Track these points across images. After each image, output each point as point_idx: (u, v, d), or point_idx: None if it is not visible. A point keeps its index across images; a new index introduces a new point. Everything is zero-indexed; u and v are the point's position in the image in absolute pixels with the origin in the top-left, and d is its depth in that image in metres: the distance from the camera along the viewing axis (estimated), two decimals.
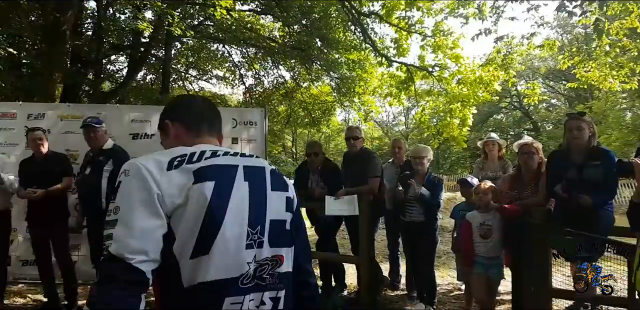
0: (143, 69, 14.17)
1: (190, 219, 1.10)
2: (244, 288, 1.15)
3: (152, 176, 1.11)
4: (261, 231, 1.20)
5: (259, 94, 16.35)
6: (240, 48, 14.49)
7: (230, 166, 1.22)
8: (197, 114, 1.39)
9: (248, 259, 1.16)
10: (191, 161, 1.17)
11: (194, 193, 1.11)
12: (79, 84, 11.24)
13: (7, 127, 4.87)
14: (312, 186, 4.70)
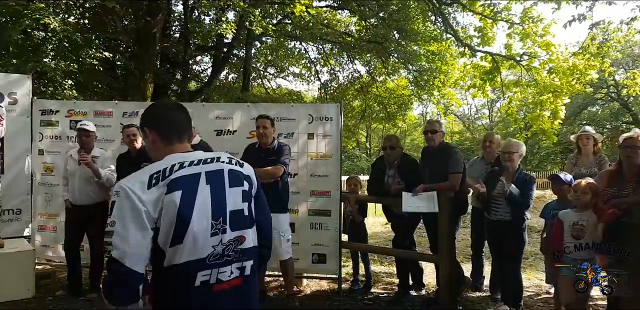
0: (225, 68, 14.78)
1: (167, 220, 1.48)
2: (211, 264, 1.54)
3: (137, 197, 1.47)
4: (223, 221, 1.59)
5: (334, 90, 16.41)
6: (316, 44, 14.61)
7: (194, 174, 1.58)
8: (169, 124, 1.71)
9: (214, 243, 1.56)
10: (165, 176, 1.53)
11: (167, 200, 1.49)
12: (167, 83, 11.98)
13: (104, 124, 5.28)
14: (388, 181, 4.60)
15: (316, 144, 4.92)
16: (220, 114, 5.16)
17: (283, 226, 4.24)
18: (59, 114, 5.39)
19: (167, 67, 12.05)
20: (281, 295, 4.61)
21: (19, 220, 5.20)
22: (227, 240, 1.59)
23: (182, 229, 1.50)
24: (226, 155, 1.78)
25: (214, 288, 1.55)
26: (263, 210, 1.83)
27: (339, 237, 4.84)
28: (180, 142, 1.72)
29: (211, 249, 1.56)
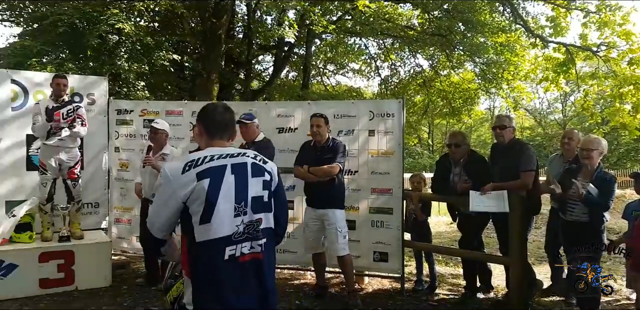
0: (286, 66, 14.99)
1: (197, 202, 1.78)
2: (236, 240, 1.82)
3: (172, 178, 1.81)
4: (245, 205, 1.86)
5: (394, 85, 16.13)
6: (377, 40, 14.43)
7: (221, 166, 1.86)
8: (214, 123, 1.99)
9: (237, 223, 1.83)
10: (196, 165, 1.82)
11: (198, 187, 1.79)
12: (232, 83, 12.34)
13: (174, 123, 5.51)
14: (453, 179, 4.44)
15: (377, 140, 4.84)
16: (282, 111, 5.22)
17: (340, 222, 4.23)
18: (133, 114, 5.70)
19: (232, 67, 12.41)
20: (342, 291, 4.60)
21: (97, 214, 5.57)
22: (247, 221, 1.87)
23: (209, 211, 1.79)
24: (252, 152, 2.05)
25: (239, 260, 1.83)
26: (281, 204, 2.08)
27: (402, 236, 4.74)
28: (220, 139, 1.99)
29: (235, 227, 1.83)
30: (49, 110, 4.53)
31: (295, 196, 5.04)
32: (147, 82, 8.95)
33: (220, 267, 1.79)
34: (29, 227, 4.56)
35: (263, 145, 4.42)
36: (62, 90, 4.60)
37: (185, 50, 10.88)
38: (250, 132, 4.43)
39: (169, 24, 9.52)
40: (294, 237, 5.04)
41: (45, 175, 4.60)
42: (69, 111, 4.59)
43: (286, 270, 5.37)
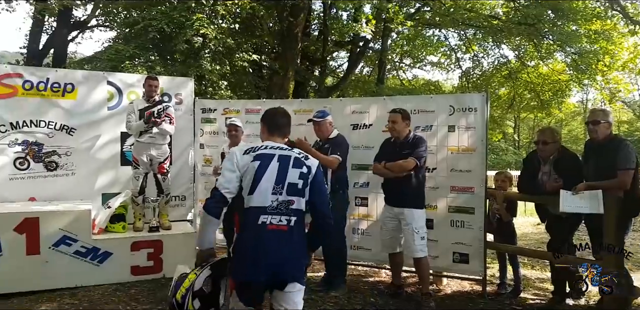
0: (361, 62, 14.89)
1: (248, 177, 2.35)
2: (269, 212, 2.32)
3: (237, 157, 2.40)
4: (282, 187, 2.35)
5: (477, 77, 15.42)
6: (457, 30, 13.86)
7: (270, 154, 2.42)
8: (273, 123, 2.60)
9: (272, 199, 2.33)
10: (253, 150, 2.42)
11: (251, 166, 2.36)
12: (307, 80, 12.49)
13: (254, 121, 5.68)
14: (542, 178, 4.13)
15: (457, 136, 4.63)
16: (357, 108, 5.17)
17: (417, 222, 4.09)
18: (216, 112, 5.96)
19: (307, 64, 12.56)
20: (418, 292, 4.48)
21: (184, 206, 5.90)
22: (281, 200, 2.35)
23: (254, 185, 2.34)
24: (298, 150, 2.56)
25: (267, 227, 2.32)
26: (319, 193, 2.48)
27: (484, 237, 4.52)
28: (277, 136, 2.58)
29: (270, 202, 2.34)
30: (141, 109, 4.87)
31: (369, 193, 4.98)
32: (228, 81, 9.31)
33: (254, 229, 2.33)
34: (122, 218, 4.92)
35: (337, 142, 4.42)
36: (153, 90, 4.92)
37: (263, 50, 11.17)
38: (323, 130, 4.44)
39: (249, 25, 9.82)
40: (368, 235, 5.00)
41: (138, 169, 4.95)
42: (159, 110, 4.89)
43: (360, 267, 5.34)
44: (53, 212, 4.37)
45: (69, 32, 15.30)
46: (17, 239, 4.15)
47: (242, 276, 2.35)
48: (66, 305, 3.91)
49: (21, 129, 4.99)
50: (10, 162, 4.94)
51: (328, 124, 4.45)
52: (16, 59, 15.25)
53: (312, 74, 12.94)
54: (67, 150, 5.19)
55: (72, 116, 5.23)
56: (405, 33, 14.50)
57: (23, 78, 4.99)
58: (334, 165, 4.29)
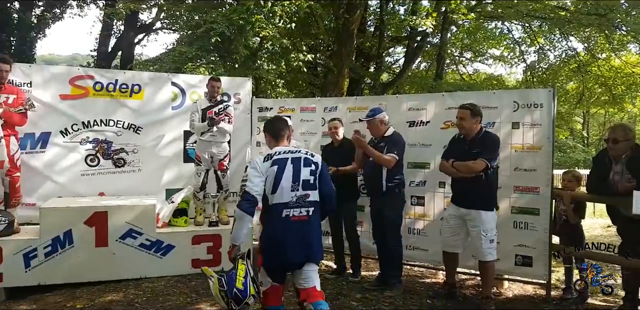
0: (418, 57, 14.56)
1: (269, 180, 2.83)
2: (291, 206, 2.82)
3: (259, 165, 2.88)
4: (298, 184, 2.85)
5: (542, 71, 14.65)
6: (521, 23, 13.22)
7: (285, 158, 2.89)
8: (276, 131, 3.08)
9: (292, 195, 2.83)
10: (270, 158, 2.89)
11: (271, 170, 2.84)
12: (362, 77, 12.38)
13: (308, 119, 5.74)
14: (614, 178, 3.85)
15: (522, 134, 4.41)
16: (413, 105, 5.05)
17: (486, 225, 3.92)
18: (272, 111, 6.06)
19: (362, 61, 12.45)
20: (477, 294, 4.33)
21: None
22: (299, 195, 2.87)
23: (276, 185, 2.84)
24: (305, 150, 3.09)
25: (290, 219, 2.85)
26: (326, 182, 3.02)
27: (549, 239, 4.28)
28: (282, 141, 3.08)
29: (290, 198, 2.85)
30: (203, 109, 5.05)
31: (426, 192, 4.87)
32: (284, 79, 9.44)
33: (279, 221, 2.85)
34: (184, 212, 5.12)
35: (393, 140, 4.34)
36: (215, 91, 5.09)
37: (318, 48, 11.21)
38: (375, 128, 4.39)
39: (304, 24, 9.86)
40: (424, 235, 4.89)
41: (200, 166, 5.13)
42: (220, 110, 5.04)
43: (416, 268, 5.24)
44: (120, 207, 4.61)
45: (135, 35, 16.14)
46: (87, 231, 4.43)
47: (272, 261, 2.89)
48: (131, 296, 4.12)
49: (92, 127, 5.31)
50: (82, 159, 5.29)
51: (379, 122, 4.37)
52: (87, 61, 16.31)
53: (367, 71, 12.80)
54: (134, 147, 5.48)
55: (139, 115, 5.51)
56: (466, 26, 14.00)
57: (94, 80, 5.31)
58: (391, 165, 4.22)
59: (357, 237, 4.84)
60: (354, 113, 5.33)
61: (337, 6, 10.05)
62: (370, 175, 4.43)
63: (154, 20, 17.23)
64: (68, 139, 5.21)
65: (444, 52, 13.49)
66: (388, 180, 4.27)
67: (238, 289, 2.85)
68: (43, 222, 4.37)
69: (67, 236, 4.37)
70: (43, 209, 4.45)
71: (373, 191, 4.47)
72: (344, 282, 4.65)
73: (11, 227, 4.38)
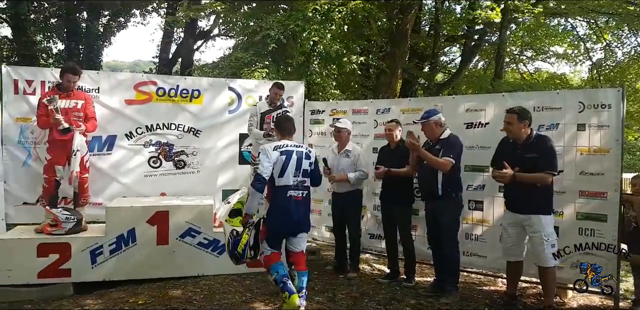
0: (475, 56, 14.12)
1: (278, 166, 3.59)
2: (293, 189, 3.63)
3: (269, 152, 3.58)
4: (299, 172, 3.65)
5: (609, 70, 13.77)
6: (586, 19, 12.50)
7: (290, 150, 3.65)
8: (284, 128, 3.84)
9: (294, 180, 3.63)
10: (279, 148, 3.64)
11: (279, 159, 3.59)
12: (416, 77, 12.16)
13: (360, 121, 5.71)
14: None
15: (588, 136, 4.17)
16: (471, 106, 4.90)
17: (546, 229, 3.75)
18: (324, 113, 6.11)
19: (416, 61, 12.23)
20: (538, 304, 4.13)
21: None
22: (299, 180, 3.66)
23: (283, 171, 3.60)
24: (305, 146, 3.91)
25: (293, 198, 3.64)
26: (316, 171, 3.86)
27: (617, 247, 4.01)
28: (288, 136, 3.83)
29: (293, 182, 3.63)
30: (262, 113, 5.20)
31: (484, 197, 4.72)
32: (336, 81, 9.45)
33: (284, 199, 3.63)
34: (239, 212, 5.15)
35: (449, 142, 4.22)
36: (277, 98, 5.24)
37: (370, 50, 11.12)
38: (429, 130, 4.30)
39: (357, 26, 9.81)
40: (482, 241, 4.74)
41: (256, 167, 5.24)
42: (278, 114, 5.13)
43: (474, 275, 5.07)
44: (180, 206, 4.80)
45: (194, 41, 16.81)
46: (150, 230, 4.64)
47: (279, 227, 3.66)
48: (189, 293, 4.27)
49: (155, 131, 5.58)
50: (145, 161, 5.57)
51: (434, 124, 4.27)
52: (150, 68, 17.14)
53: (422, 71, 12.55)
54: (193, 150, 5.71)
55: (198, 119, 5.73)
56: (526, 23, 13.41)
57: (157, 85, 5.58)
58: (447, 168, 4.11)
59: (411, 242, 4.76)
60: (407, 115, 5.25)
61: (390, 7, 9.94)
62: (425, 179, 4.33)
63: (212, 27, 17.86)
64: (132, 142, 5.49)
65: (503, 51, 12.97)
66: (444, 184, 4.16)
67: (238, 252, 3.63)
68: (109, 221, 4.62)
69: (130, 234, 4.60)
70: (109, 208, 4.72)
71: (428, 195, 4.38)
72: (398, 287, 4.58)
73: (79, 225, 4.66)
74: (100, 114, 5.14)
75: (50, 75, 5.18)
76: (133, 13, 16.63)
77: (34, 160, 5.10)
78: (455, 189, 4.25)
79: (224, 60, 10.05)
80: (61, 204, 4.95)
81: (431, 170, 4.20)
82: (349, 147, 4.94)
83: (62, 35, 14.89)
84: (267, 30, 8.00)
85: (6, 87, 5.07)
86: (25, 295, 4.30)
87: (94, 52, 15.27)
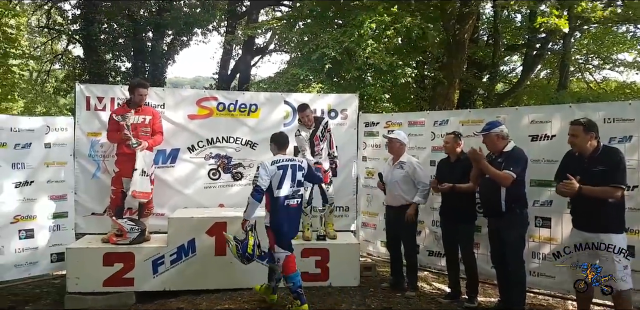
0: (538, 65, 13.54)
1: (276, 179, 4.08)
2: (290, 197, 4.16)
3: (267, 167, 4.06)
4: (294, 183, 4.17)
5: None
6: None
7: (286, 164, 4.15)
8: (280, 143, 4.30)
9: (291, 190, 4.16)
10: (276, 163, 4.12)
11: (276, 173, 4.08)
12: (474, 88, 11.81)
13: (417, 133, 5.60)
14: None
15: None
16: (536, 117, 4.67)
17: (617, 249, 3.43)
18: (378, 126, 6.04)
19: (474, 71, 11.90)
20: None
21: (347, 217, 6.10)
22: (294, 190, 4.16)
23: (280, 183, 4.06)
24: (299, 159, 4.38)
25: (290, 206, 4.15)
26: (313, 176, 4.43)
27: None
28: (284, 150, 4.28)
29: (290, 192, 4.12)
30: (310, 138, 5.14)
31: (552, 213, 4.44)
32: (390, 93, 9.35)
33: (282, 207, 4.11)
34: None
35: (513, 156, 4.03)
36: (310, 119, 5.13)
37: (426, 61, 10.96)
38: (491, 143, 4.13)
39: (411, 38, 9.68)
40: (550, 259, 4.44)
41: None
42: (322, 131, 5.17)
43: (541, 296, 4.75)
44: (238, 218, 4.83)
45: (252, 57, 17.34)
46: (208, 241, 4.75)
47: (285, 233, 4.15)
48: (245, 305, 4.31)
49: (215, 144, 5.76)
50: (205, 173, 5.74)
51: (495, 137, 4.09)
52: (210, 84, 17.85)
53: (481, 81, 12.19)
54: (250, 162, 5.83)
55: (255, 133, 5.86)
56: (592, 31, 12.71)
57: (217, 101, 5.78)
58: (507, 182, 3.91)
59: (474, 260, 4.55)
60: (467, 126, 5.08)
61: (447, 17, 9.77)
62: (488, 194, 4.15)
63: (268, 43, 18.39)
64: (194, 155, 5.70)
65: (568, 60, 12.36)
66: (508, 200, 3.97)
67: (249, 253, 4.09)
68: (170, 231, 4.79)
69: (190, 245, 4.73)
70: (171, 219, 4.88)
71: (491, 211, 4.19)
72: (459, 308, 4.38)
73: (143, 235, 4.84)
74: (165, 128, 5.35)
75: (119, 92, 5.50)
76: (195, 32, 17.47)
77: (102, 173, 5.40)
78: (520, 205, 4.03)
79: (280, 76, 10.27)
80: (126, 214, 5.16)
81: (494, 185, 4.02)
82: (403, 159, 4.83)
83: (130, 54, 15.91)
84: (322, 49, 8.10)
85: (79, 103, 5.44)
86: (91, 303, 4.50)
87: (159, 70, 16.17)
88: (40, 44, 18.66)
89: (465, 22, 9.55)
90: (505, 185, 3.93)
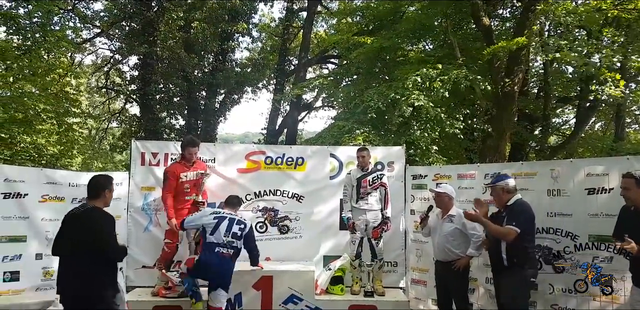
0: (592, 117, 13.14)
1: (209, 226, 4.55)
2: (221, 245, 4.49)
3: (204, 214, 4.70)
4: (229, 234, 4.54)
5: None
6: None
7: (224, 217, 4.64)
8: (228, 202, 4.98)
9: (224, 239, 4.51)
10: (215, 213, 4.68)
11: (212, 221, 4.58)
12: (526, 140, 11.53)
13: (466, 186, 5.46)
14: None
15: None
16: (593, 170, 4.47)
17: None
18: (427, 178, 5.96)
19: (526, 124, 11.68)
20: None
21: (395, 272, 5.88)
22: (227, 240, 4.47)
23: (214, 231, 4.48)
24: (238, 215, 4.76)
25: (220, 254, 4.43)
26: (251, 241, 4.74)
27: None
28: (230, 208, 4.81)
29: (222, 240, 4.46)
30: (358, 178, 5.27)
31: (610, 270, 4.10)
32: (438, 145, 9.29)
33: (212, 255, 4.41)
34: (341, 280, 5.14)
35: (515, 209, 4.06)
36: (365, 161, 5.30)
37: (474, 113, 10.90)
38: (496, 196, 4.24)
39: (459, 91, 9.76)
40: None
41: (355, 234, 5.19)
42: (374, 178, 5.20)
43: None
44: (284, 272, 4.86)
45: (299, 113, 17.93)
46: (255, 295, 4.72)
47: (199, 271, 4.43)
48: None
49: (262, 197, 5.88)
50: (253, 226, 5.79)
51: (500, 190, 4.11)
52: (258, 139, 18.48)
53: (532, 134, 11.90)
54: (296, 215, 5.87)
55: (302, 186, 5.94)
56: None
57: (265, 155, 5.98)
58: (510, 238, 3.87)
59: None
60: (520, 180, 4.90)
61: (495, 70, 9.81)
62: (491, 249, 4.17)
63: (315, 99, 19.06)
64: (242, 208, 5.76)
65: (624, 111, 11.94)
66: (508, 254, 3.90)
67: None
68: None
69: (237, 299, 4.74)
70: None
71: (494, 266, 4.19)
72: None
73: None
74: (215, 182, 5.55)
75: (173, 148, 5.82)
76: (245, 90, 18.42)
77: (154, 226, 5.58)
78: (522, 261, 3.90)
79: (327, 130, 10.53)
80: (175, 267, 5.25)
81: (495, 240, 4.04)
82: (452, 212, 4.70)
83: (183, 112, 16.88)
84: (367, 102, 8.31)
85: (134, 159, 5.76)
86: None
87: (211, 127, 16.97)
88: (99, 103, 20.04)
89: (515, 75, 9.54)
90: (508, 240, 3.89)
